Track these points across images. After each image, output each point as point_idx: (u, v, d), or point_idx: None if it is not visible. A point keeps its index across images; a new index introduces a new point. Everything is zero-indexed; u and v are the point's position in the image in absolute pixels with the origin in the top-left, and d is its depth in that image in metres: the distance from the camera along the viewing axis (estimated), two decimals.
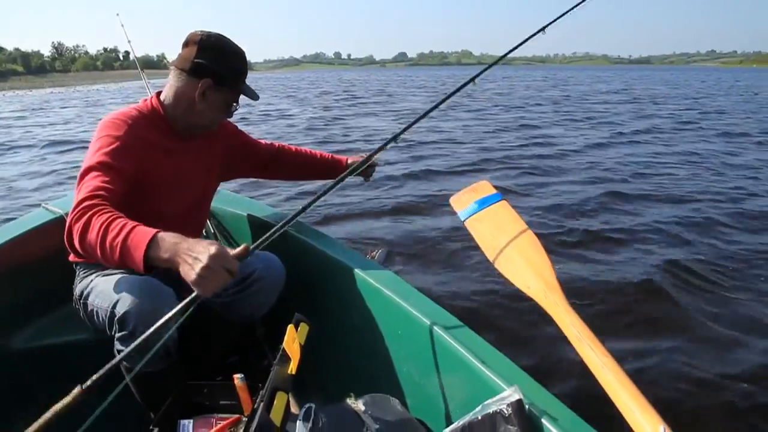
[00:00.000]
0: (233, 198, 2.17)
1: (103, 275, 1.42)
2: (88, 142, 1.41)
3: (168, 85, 1.47)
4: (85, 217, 1.14)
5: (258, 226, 1.90)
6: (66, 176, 6.28)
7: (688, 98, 18.68)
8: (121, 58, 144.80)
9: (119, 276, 1.39)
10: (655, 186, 5.37)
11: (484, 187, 1.46)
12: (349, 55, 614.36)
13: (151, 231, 1.08)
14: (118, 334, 1.27)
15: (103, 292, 1.35)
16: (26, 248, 1.72)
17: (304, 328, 0.94)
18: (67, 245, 1.19)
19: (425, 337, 1.17)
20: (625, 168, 6.26)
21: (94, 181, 1.22)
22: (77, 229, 1.14)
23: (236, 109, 1.57)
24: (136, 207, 1.27)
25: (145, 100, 1.48)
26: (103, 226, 1.11)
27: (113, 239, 1.09)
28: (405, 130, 1.55)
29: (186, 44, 1.44)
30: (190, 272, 0.98)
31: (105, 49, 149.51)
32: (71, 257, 1.50)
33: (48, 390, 1.62)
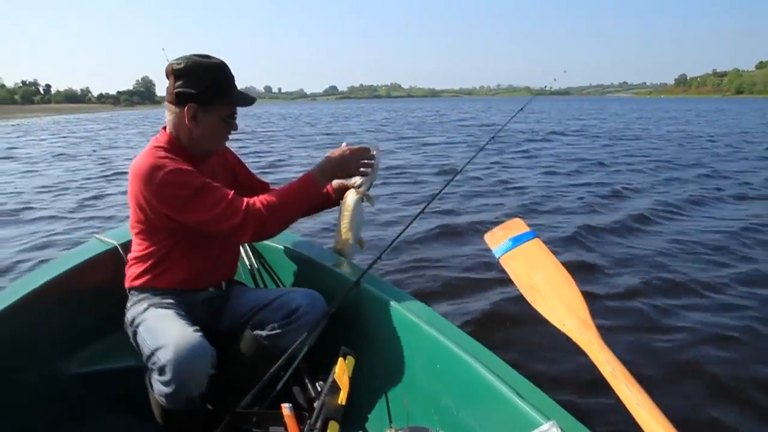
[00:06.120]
0: None
1: (156, 307, 1.52)
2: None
3: (166, 119, 1.53)
4: (258, 205, 1.45)
5: (294, 258, 1.97)
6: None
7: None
8: (42, 92, 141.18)
9: (169, 315, 1.48)
10: None
11: (517, 225, 1.50)
12: (279, 89, 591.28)
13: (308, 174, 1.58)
14: (156, 376, 1.38)
15: (151, 329, 1.45)
16: (81, 278, 1.83)
17: (351, 360, 1.00)
18: (255, 233, 1.47)
19: (463, 371, 1.22)
20: None
21: (216, 192, 1.43)
22: (263, 214, 1.44)
23: (235, 118, 1.57)
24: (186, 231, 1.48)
25: (157, 137, 1.54)
26: (277, 195, 1.51)
27: (290, 193, 1.53)
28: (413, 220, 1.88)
29: (166, 77, 1.49)
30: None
31: (24, 83, 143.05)
32: (127, 283, 1.61)
33: (97, 413, 1.71)
